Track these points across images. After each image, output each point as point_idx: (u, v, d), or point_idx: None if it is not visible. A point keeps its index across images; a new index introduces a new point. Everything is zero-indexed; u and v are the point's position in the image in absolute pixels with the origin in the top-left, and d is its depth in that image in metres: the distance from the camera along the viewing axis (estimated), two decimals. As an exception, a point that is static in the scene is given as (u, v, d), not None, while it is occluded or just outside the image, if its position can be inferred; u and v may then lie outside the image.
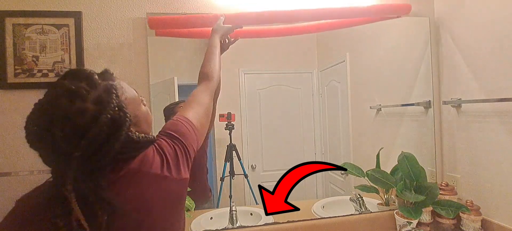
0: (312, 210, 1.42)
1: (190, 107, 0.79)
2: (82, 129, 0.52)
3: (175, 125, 0.72)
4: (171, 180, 0.64)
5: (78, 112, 0.52)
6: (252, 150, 1.48)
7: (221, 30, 1.09)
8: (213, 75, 0.92)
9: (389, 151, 1.48)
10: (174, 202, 0.66)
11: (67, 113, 0.51)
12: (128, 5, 1.25)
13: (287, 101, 1.52)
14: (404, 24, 1.51)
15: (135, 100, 0.65)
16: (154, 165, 0.62)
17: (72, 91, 0.53)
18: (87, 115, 0.52)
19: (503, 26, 1.15)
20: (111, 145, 0.54)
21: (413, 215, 1.24)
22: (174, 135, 0.70)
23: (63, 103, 0.52)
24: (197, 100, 0.83)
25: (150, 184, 0.61)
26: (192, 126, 0.74)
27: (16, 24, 1.15)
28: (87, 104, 0.53)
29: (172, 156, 0.66)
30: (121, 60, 1.24)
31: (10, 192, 1.15)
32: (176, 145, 0.68)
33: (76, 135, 0.51)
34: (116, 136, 0.55)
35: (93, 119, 0.52)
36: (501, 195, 1.20)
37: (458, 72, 1.38)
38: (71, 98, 0.52)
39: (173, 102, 1.31)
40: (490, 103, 1.22)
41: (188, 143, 0.70)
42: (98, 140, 0.53)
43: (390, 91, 1.58)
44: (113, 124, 0.54)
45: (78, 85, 0.54)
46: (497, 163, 1.21)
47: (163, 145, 0.67)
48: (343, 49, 1.57)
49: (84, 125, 0.52)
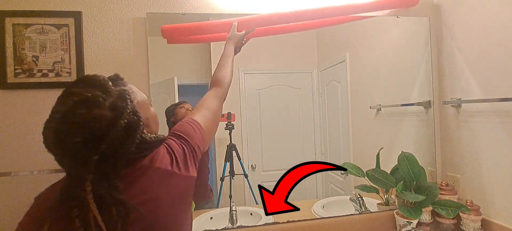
0: (312, 210, 1.42)
1: (199, 111, 0.84)
2: (100, 135, 0.54)
3: (183, 126, 0.76)
4: (180, 176, 0.67)
5: (96, 120, 0.54)
6: (252, 150, 1.48)
7: (235, 39, 1.14)
8: (224, 82, 0.96)
9: (389, 151, 1.48)
10: (182, 199, 0.68)
11: (85, 121, 0.54)
12: (128, 5, 1.25)
13: (287, 101, 1.52)
14: (404, 24, 1.51)
15: (145, 103, 0.70)
16: (164, 162, 0.65)
17: (88, 99, 0.55)
18: (104, 121, 0.55)
19: (503, 26, 1.15)
20: (127, 147, 0.58)
21: (413, 215, 1.24)
22: (182, 135, 0.73)
23: (82, 111, 0.54)
24: (206, 105, 0.87)
25: (160, 179, 0.64)
26: (199, 127, 0.78)
27: (16, 24, 1.15)
28: (104, 112, 0.55)
29: (181, 154, 0.69)
30: (121, 60, 1.24)
31: (10, 192, 1.15)
32: (183, 144, 0.72)
33: (95, 141, 0.54)
34: (132, 138, 0.58)
35: (110, 124, 0.55)
36: (501, 195, 1.20)
37: (458, 72, 1.38)
38: (88, 106, 0.54)
39: (174, 104, 1.31)
40: (490, 103, 1.22)
41: (194, 143, 0.74)
42: (115, 143, 0.55)
43: (390, 91, 1.58)
44: (128, 128, 0.57)
45: (94, 93, 0.56)
46: (497, 163, 1.21)
47: (172, 144, 0.70)
48: (343, 49, 1.57)
49: (102, 131, 0.54)
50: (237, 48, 1.18)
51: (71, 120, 0.54)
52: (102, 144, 0.54)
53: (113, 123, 0.55)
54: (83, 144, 0.53)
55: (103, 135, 0.54)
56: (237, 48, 1.18)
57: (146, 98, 0.71)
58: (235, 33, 1.16)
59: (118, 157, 0.57)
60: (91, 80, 0.59)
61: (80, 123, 0.53)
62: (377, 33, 1.56)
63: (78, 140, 0.53)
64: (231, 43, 1.11)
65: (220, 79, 0.96)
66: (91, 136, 0.54)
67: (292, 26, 1.38)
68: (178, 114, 1.29)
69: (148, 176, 0.63)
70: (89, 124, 0.54)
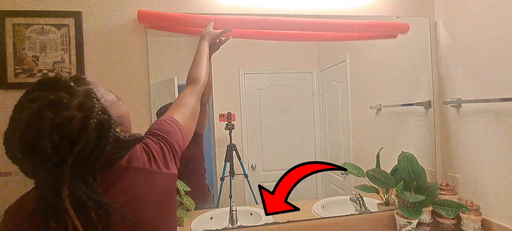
0: (312, 210, 1.42)
1: (177, 109, 0.84)
2: (71, 137, 0.52)
3: (160, 124, 0.76)
4: (160, 174, 0.66)
5: (65, 122, 0.52)
6: (252, 150, 1.48)
7: (209, 36, 1.13)
8: (200, 79, 0.97)
9: (389, 151, 1.48)
10: (165, 197, 0.67)
11: (54, 124, 0.51)
12: (128, 5, 1.25)
13: (287, 101, 1.52)
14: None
15: (114, 102, 0.66)
16: (142, 160, 0.64)
17: (54, 102, 0.52)
18: (74, 123, 0.52)
19: (503, 26, 1.15)
20: (101, 147, 0.55)
21: (413, 215, 1.24)
22: (159, 133, 0.73)
23: (48, 115, 0.51)
24: (183, 102, 0.87)
25: (140, 178, 0.63)
26: (177, 124, 0.78)
27: (16, 24, 1.15)
28: (72, 112, 0.53)
29: (159, 152, 0.68)
30: (121, 60, 1.24)
31: (9, 192, 1.15)
32: (161, 142, 0.71)
33: (67, 143, 0.51)
34: (105, 138, 0.56)
35: (81, 125, 0.53)
36: (501, 195, 1.20)
37: (458, 72, 1.38)
38: (54, 109, 0.52)
39: (165, 105, 1.31)
40: (490, 103, 1.21)
41: (173, 140, 0.73)
42: (89, 144, 0.53)
43: (390, 91, 1.58)
44: (100, 127, 0.55)
45: (59, 95, 0.53)
46: (497, 163, 1.21)
47: (149, 143, 0.69)
48: (343, 49, 1.57)
49: (73, 133, 0.52)
50: (213, 46, 1.17)
51: (38, 125, 0.50)
52: (75, 146, 0.51)
53: (83, 123, 0.53)
54: (55, 149, 0.51)
55: (75, 137, 0.52)
56: (213, 46, 1.17)
57: (115, 97, 0.67)
58: (210, 30, 1.14)
59: (94, 158, 0.54)
60: (53, 82, 0.56)
61: (48, 127, 0.50)
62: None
63: (48, 145, 0.50)
64: (206, 39, 1.10)
65: (195, 77, 0.96)
66: (62, 140, 0.51)
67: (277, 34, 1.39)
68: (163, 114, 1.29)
69: (128, 176, 0.61)
70: (58, 128, 0.51)
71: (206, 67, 1.02)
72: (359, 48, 1.59)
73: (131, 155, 0.63)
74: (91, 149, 0.53)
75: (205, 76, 0.99)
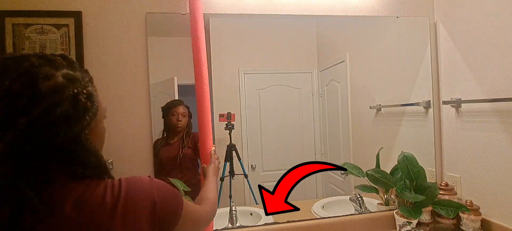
0: (312, 210, 1.42)
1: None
2: (40, 93, 0.44)
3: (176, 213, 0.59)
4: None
5: (44, 76, 0.45)
6: (252, 150, 1.48)
7: (218, 170, 1.09)
8: (215, 207, 0.86)
9: (389, 151, 1.48)
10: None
11: (30, 70, 0.45)
12: (128, 5, 1.25)
13: (287, 101, 1.52)
14: (404, 24, 1.51)
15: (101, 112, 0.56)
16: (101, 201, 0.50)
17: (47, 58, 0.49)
18: (52, 79, 0.46)
19: (503, 26, 1.15)
20: (64, 133, 0.46)
21: (413, 215, 1.24)
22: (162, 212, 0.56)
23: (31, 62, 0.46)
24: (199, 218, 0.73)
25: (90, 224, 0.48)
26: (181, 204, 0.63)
27: (16, 24, 1.15)
28: (57, 72, 0.47)
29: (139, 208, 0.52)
30: (121, 60, 1.24)
31: None
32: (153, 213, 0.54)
33: (31, 97, 0.43)
34: (75, 122, 0.47)
35: (57, 88, 0.46)
36: (501, 195, 1.20)
37: (458, 72, 1.38)
38: (40, 62, 0.47)
39: (170, 102, 1.32)
40: (490, 103, 1.22)
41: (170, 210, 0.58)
42: (54, 114, 0.45)
43: (390, 91, 1.58)
44: (75, 105, 0.48)
45: (55, 57, 0.50)
46: (497, 163, 1.21)
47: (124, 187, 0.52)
48: (343, 49, 1.57)
49: (44, 90, 0.44)
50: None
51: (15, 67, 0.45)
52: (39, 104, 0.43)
53: (61, 88, 0.46)
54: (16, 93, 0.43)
55: (42, 94, 0.44)
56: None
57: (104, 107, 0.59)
58: (217, 164, 1.09)
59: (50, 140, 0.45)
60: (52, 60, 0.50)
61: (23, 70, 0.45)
62: (377, 33, 1.56)
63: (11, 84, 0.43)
64: (216, 175, 1.05)
65: (213, 202, 0.85)
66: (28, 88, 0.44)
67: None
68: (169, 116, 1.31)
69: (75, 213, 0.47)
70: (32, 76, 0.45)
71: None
72: (359, 48, 1.59)
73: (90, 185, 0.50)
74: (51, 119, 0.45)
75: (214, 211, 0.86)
